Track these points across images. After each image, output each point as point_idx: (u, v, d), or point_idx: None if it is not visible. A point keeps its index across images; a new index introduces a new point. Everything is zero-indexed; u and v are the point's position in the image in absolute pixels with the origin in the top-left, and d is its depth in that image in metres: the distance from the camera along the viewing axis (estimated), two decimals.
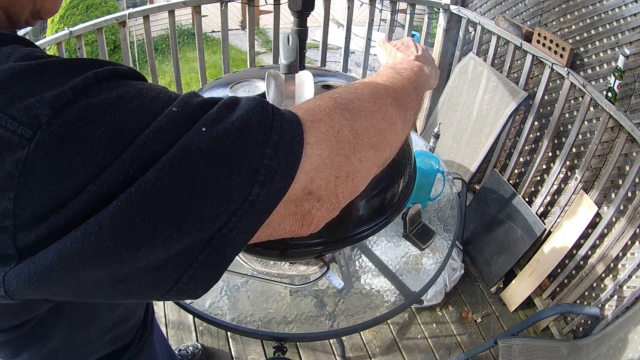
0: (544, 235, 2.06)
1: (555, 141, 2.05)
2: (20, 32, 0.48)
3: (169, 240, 0.32)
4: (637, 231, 1.66)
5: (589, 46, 1.81)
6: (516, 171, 2.30)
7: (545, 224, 2.04)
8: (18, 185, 0.30)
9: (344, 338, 1.99)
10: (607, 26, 1.71)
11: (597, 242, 1.84)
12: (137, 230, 0.31)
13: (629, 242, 1.70)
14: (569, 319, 1.98)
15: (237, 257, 0.59)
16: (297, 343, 1.95)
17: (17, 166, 0.30)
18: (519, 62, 2.17)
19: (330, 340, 1.98)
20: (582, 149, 1.93)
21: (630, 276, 1.68)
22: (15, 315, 0.46)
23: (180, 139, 0.33)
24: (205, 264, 0.35)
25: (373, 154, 0.44)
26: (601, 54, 1.77)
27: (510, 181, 2.28)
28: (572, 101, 1.95)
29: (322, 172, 0.39)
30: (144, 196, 0.30)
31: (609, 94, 1.69)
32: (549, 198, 2.10)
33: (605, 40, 1.74)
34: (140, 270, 0.33)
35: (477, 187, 2.48)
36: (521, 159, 2.27)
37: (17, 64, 0.32)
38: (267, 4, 2.08)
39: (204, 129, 0.33)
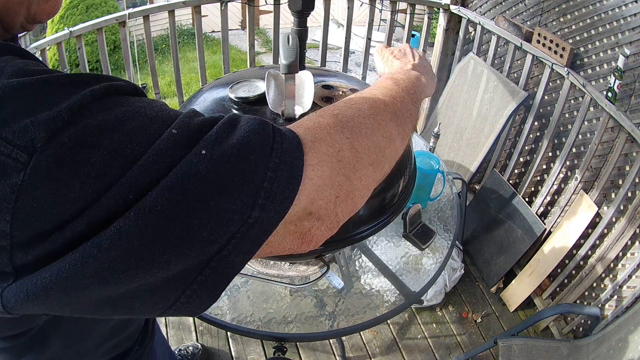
0: (544, 235, 2.06)
1: (555, 141, 2.05)
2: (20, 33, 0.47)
3: (168, 263, 0.32)
4: (637, 231, 1.66)
5: (589, 46, 1.81)
6: (516, 171, 2.30)
7: (545, 224, 2.04)
8: (15, 208, 0.29)
9: (344, 338, 1.99)
10: (607, 26, 1.71)
11: (597, 242, 1.84)
12: (136, 253, 0.31)
13: (629, 242, 1.70)
14: (569, 319, 1.98)
15: None
16: (297, 343, 1.95)
17: (13, 190, 0.29)
18: (519, 62, 2.17)
19: (330, 340, 1.98)
20: (582, 149, 1.93)
21: (630, 276, 1.68)
22: (13, 326, 0.46)
23: (180, 161, 0.32)
24: (203, 284, 0.34)
25: (372, 171, 0.44)
26: (601, 54, 1.77)
27: (510, 181, 2.28)
28: (572, 101, 1.95)
29: (323, 193, 0.38)
30: (142, 220, 0.30)
31: (609, 94, 1.69)
32: (549, 198, 2.10)
33: (605, 40, 1.74)
34: (138, 290, 0.33)
35: (477, 187, 2.48)
36: (521, 159, 2.27)
37: (10, 81, 0.31)
38: (267, 4, 2.08)
39: (203, 151, 0.33)
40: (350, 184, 0.41)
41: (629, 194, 1.69)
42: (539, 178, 2.18)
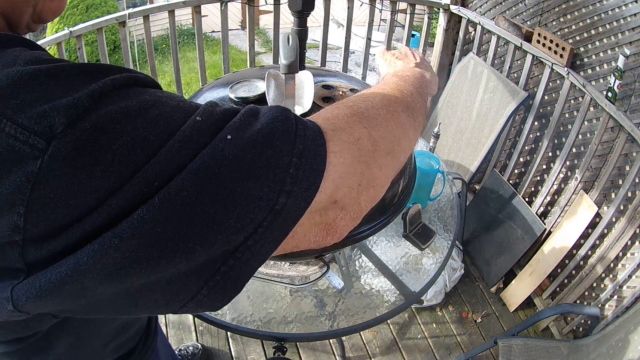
0: (544, 235, 2.06)
1: (555, 141, 2.06)
2: None
3: (191, 252, 0.31)
4: (637, 231, 1.66)
5: (589, 46, 1.81)
6: (516, 171, 2.30)
7: (545, 224, 2.04)
8: (30, 200, 0.28)
9: (344, 338, 1.99)
10: (607, 26, 1.71)
11: (597, 242, 1.84)
12: (159, 242, 0.30)
13: (629, 242, 1.70)
14: (569, 319, 1.98)
15: None
16: (297, 343, 1.95)
17: (28, 179, 0.28)
18: (519, 62, 2.17)
19: (330, 340, 1.98)
20: (582, 149, 1.93)
21: (630, 276, 1.68)
22: (21, 329, 0.45)
23: (205, 147, 0.32)
24: (227, 276, 0.34)
25: (390, 160, 0.45)
26: (601, 54, 1.77)
27: (510, 181, 2.28)
28: (572, 101, 1.95)
29: (346, 180, 0.39)
30: (167, 206, 0.29)
31: (609, 94, 1.69)
32: (549, 198, 2.10)
33: (605, 40, 1.74)
34: (158, 282, 0.32)
35: (477, 187, 2.48)
36: (521, 159, 2.27)
37: (26, 67, 0.30)
38: (267, 4, 2.08)
39: (229, 136, 0.33)
40: (370, 172, 0.41)
41: (629, 194, 1.69)
42: (539, 178, 2.18)
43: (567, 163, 1.99)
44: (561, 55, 1.85)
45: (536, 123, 2.13)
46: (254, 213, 0.32)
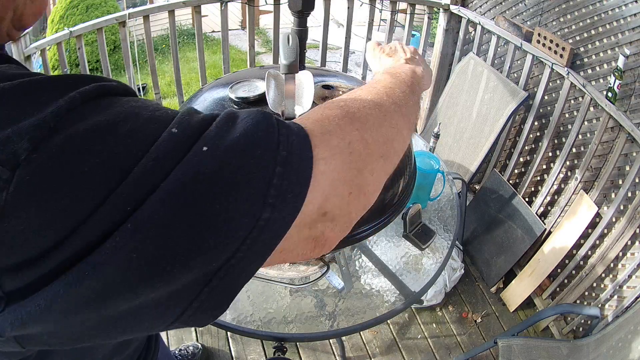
0: (544, 235, 2.06)
1: (555, 141, 2.06)
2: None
3: (171, 276, 0.29)
4: (637, 231, 1.66)
5: (589, 46, 1.81)
6: (516, 171, 2.30)
7: (545, 224, 2.04)
8: None
9: (344, 338, 1.98)
10: (607, 26, 1.71)
11: (597, 242, 1.84)
12: (135, 269, 0.28)
13: (629, 242, 1.70)
14: (569, 319, 1.98)
15: None
16: (297, 343, 1.95)
17: None
18: (519, 62, 2.17)
19: (330, 340, 1.98)
20: (582, 149, 1.93)
21: (630, 276, 1.68)
22: (18, 353, 0.45)
23: (180, 163, 0.29)
24: (211, 295, 0.32)
25: (383, 163, 0.42)
26: (601, 54, 1.77)
27: (510, 181, 2.28)
28: (572, 101, 1.95)
29: (336, 188, 0.36)
30: (141, 232, 0.27)
31: (609, 94, 1.69)
32: (549, 198, 2.10)
33: (605, 40, 1.74)
34: (139, 307, 0.30)
35: (477, 187, 2.48)
36: (521, 159, 2.27)
37: None
38: (267, 4, 2.08)
39: (205, 148, 0.30)
40: (362, 178, 0.38)
41: (629, 194, 1.69)
42: (539, 178, 2.18)
43: (567, 163, 1.99)
44: (561, 55, 1.85)
45: (536, 123, 2.13)
46: (235, 231, 0.30)
